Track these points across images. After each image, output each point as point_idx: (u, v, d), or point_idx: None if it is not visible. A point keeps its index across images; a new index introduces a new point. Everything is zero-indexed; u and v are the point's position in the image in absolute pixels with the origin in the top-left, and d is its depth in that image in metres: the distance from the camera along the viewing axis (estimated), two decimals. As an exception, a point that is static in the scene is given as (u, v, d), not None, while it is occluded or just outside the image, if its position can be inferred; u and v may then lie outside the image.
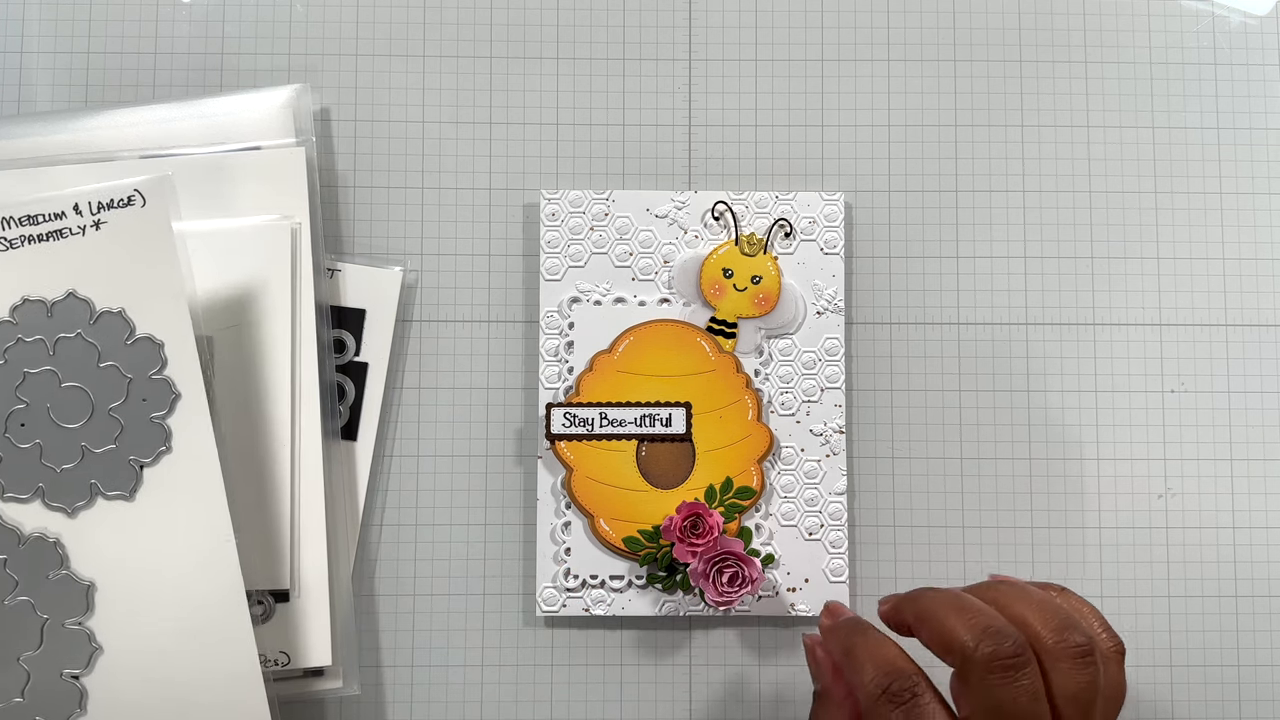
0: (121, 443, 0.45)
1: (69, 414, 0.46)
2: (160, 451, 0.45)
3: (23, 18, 0.50)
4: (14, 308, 0.46)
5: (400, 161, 0.50)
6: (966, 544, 0.49)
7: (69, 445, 0.46)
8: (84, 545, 0.45)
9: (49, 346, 0.46)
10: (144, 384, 0.46)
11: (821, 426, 0.48)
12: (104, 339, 0.46)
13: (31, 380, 0.46)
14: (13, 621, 0.45)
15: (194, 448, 0.45)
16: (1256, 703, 0.49)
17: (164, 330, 0.46)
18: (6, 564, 0.45)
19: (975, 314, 0.50)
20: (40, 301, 0.46)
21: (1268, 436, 0.50)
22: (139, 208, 0.46)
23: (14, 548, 0.45)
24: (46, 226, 0.46)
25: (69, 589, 0.45)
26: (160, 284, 0.46)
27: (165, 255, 0.46)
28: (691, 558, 0.45)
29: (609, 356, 0.48)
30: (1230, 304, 0.50)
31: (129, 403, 0.46)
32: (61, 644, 0.45)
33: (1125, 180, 0.51)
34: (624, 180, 0.50)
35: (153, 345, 0.46)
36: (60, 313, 0.46)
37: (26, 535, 0.45)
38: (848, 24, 0.51)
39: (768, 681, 0.48)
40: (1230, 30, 0.51)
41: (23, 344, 0.46)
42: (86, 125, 0.48)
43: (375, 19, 0.50)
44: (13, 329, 0.46)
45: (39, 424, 0.46)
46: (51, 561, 0.45)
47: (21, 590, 0.45)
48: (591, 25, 0.51)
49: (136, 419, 0.46)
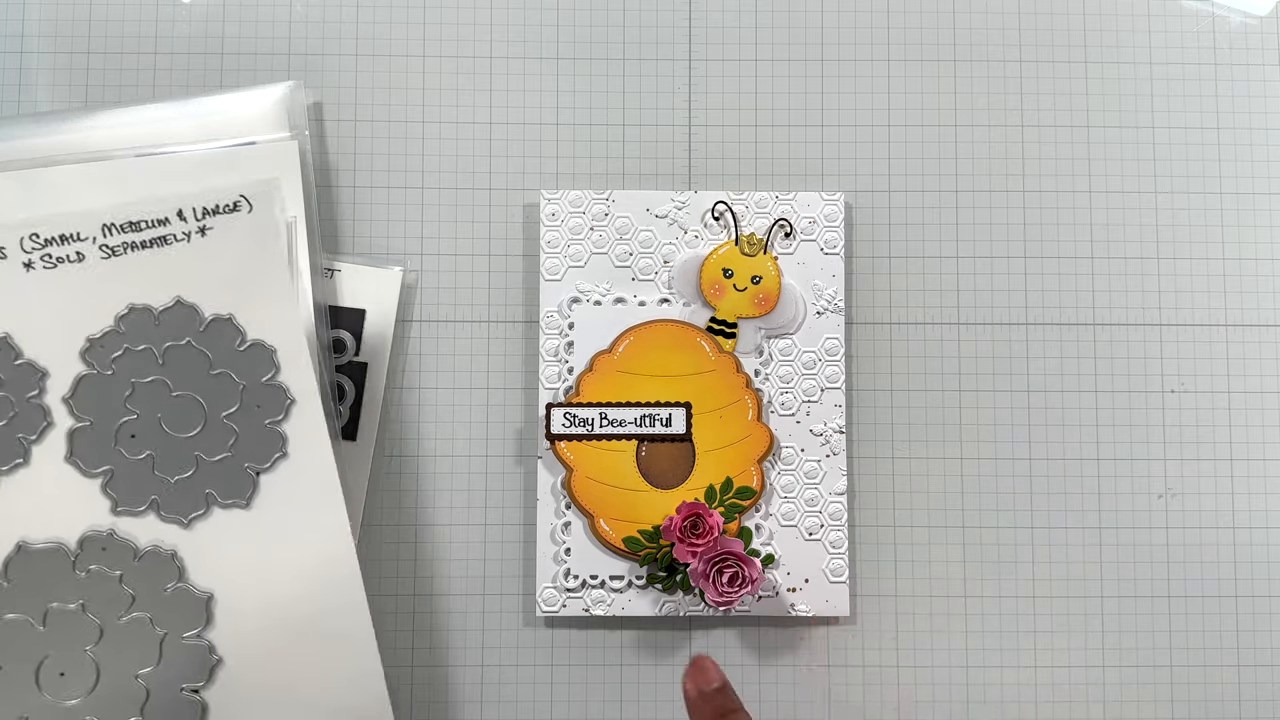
0: (237, 450, 0.45)
1: (181, 423, 0.45)
2: (277, 458, 0.45)
3: (23, 18, 0.50)
4: (120, 316, 0.45)
5: (400, 161, 0.50)
6: (966, 544, 0.49)
7: (182, 455, 0.45)
8: (201, 556, 0.44)
9: (158, 355, 0.45)
10: (258, 390, 0.45)
11: (821, 426, 0.48)
12: (214, 346, 0.45)
13: (141, 390, 0.45)
14: (130, 638, 0.44)
15: (311, 452, 0.45)
16: (1256, 703, 0.49)
17: (275, 335, 0.45)
18: (123, 579, 0.44)
19: (975, 314, 0.50)
20: (147, 309, 0.45)
21: (1268, 436, 0.50)
22: (245, 213, 0.45)
23: (130, 562, 0.44)
24: (150, 233, 0.45)
25: (187, 601, 0.44)
26: (270, 289, 0.45)
27: (274, 260, 0.45)
28: (691, 558, 0.45)
29: (609, 356, 0.48)
30: (1230, 304, 0.50)
31: (243, 410, 0.45)
32: (181, 658, 0.44)
33: (1125, 180, 0.51)
34: (624, 180, 0.50)
35: (265, 350, 0.45)
36: (168, 320, 0.45)
37: (142, 549, 0.44)
38: (848, 24, 0.51)
39: (768, 681, 0.48)
40: (1230, 30, 0.51)
41: (131, 353, 0.45)
42: (86, 125, 0.48)
43: (375, 19, 0.50)
44: (119, 338, 0.45)
45: (150, 435, 0.45)
46: (169, 574, 0.44)
47: (139, 605, 0.44)
48: (591, 25, 0.51)
49: (251, 426, 0.45)
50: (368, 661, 0.44)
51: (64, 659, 0.44)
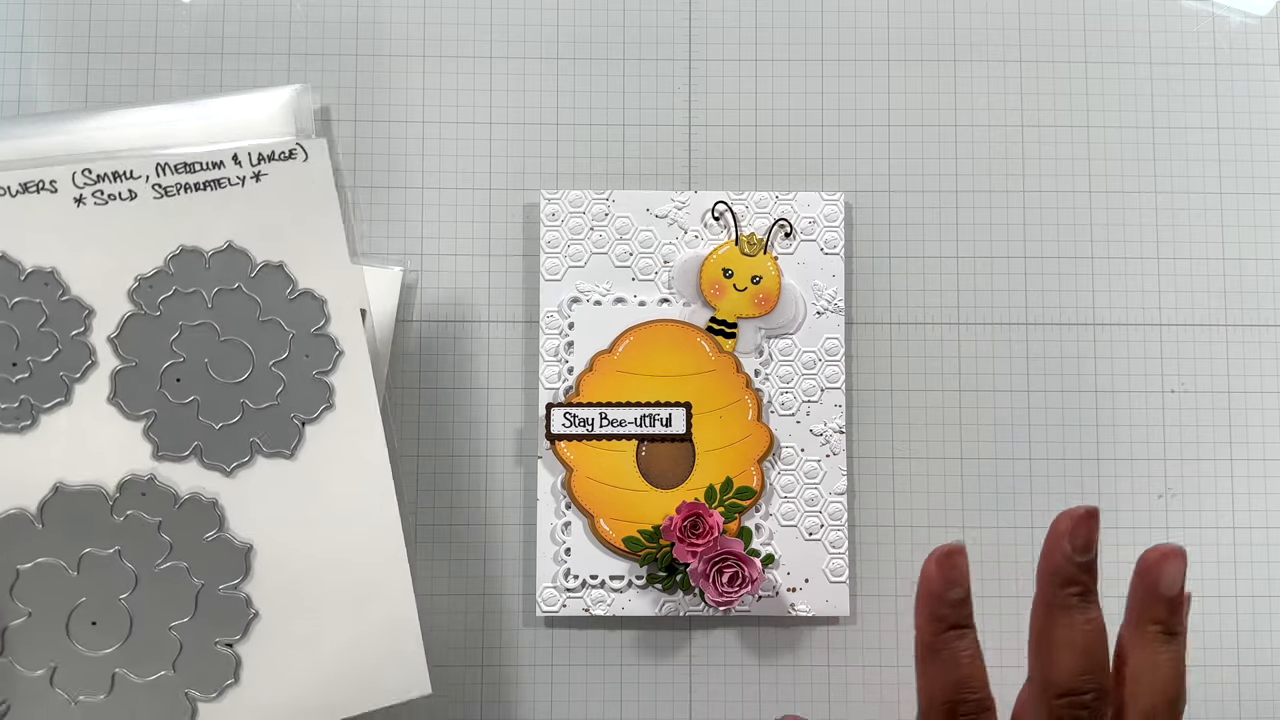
0: (284, 399, 0.44)
1: (228, 369, 0.44)
2: (323, 409, 0.44)
3: (23, 18, 0.50)
4: (170, 257, 0.44)
5: (400, 161, 0.50)
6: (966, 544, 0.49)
7: (228, 401, 0.44)
8: (242, 506, 0.43)
9: (207, 298, 0.44)
10: (306, 340, 0.44)
11: (821, 426, 0.48)
12: (264, 292, 0.44)
13: (189, 333, 0.44)
14: (165, 588, 0.43)
15: (357, 404, 0.44)
16: (1256, 703, 0.49)
17: (326, 286, 0.45)
18: (161, 526, 0.43)
19: (975, 314, 0.50)
20: (197, 251, 0.44)
21: (1268, 436, 0.50)
22: (300, 161, 0.45)
23: (169, 509, 0.43)
24: (204, 175, 0.45)
25: (226, 552, 0.43)
26: (322, 239, 0.45)
27: (328, 210, 0.45)
28: (691, 558, 0.45)
29: (609, 356, 0.48)
30: (1230, 304, 0.50)
31: (291, 359, 0.44)
32: (217, 611, 0.43)
33: (1125, 180, 0.51)
34: (624, 180, 0.50)
35: (314, 301, 0.45)
36: (218, 264, 0.44)
37: (183, 496, 0.43)
38: (848, 24, 0.51)
39: (768, 681, 0.48)
40: (1230, 30, 0.51)
41: (180, 295, 0.44)
42: (86, 125, 0.48)
43: (375, 19, 0.50)
44: (169, 279, 0.44)
45: (196, 379, 0.44)
46: (209, 523, 0.43)
47: (175, 554, 0.43)
48: (591, 25, 0.51)
49: (299, 375, 0.44)
50: (405, 616, 0.44)
51: (97, 607, 0.43)
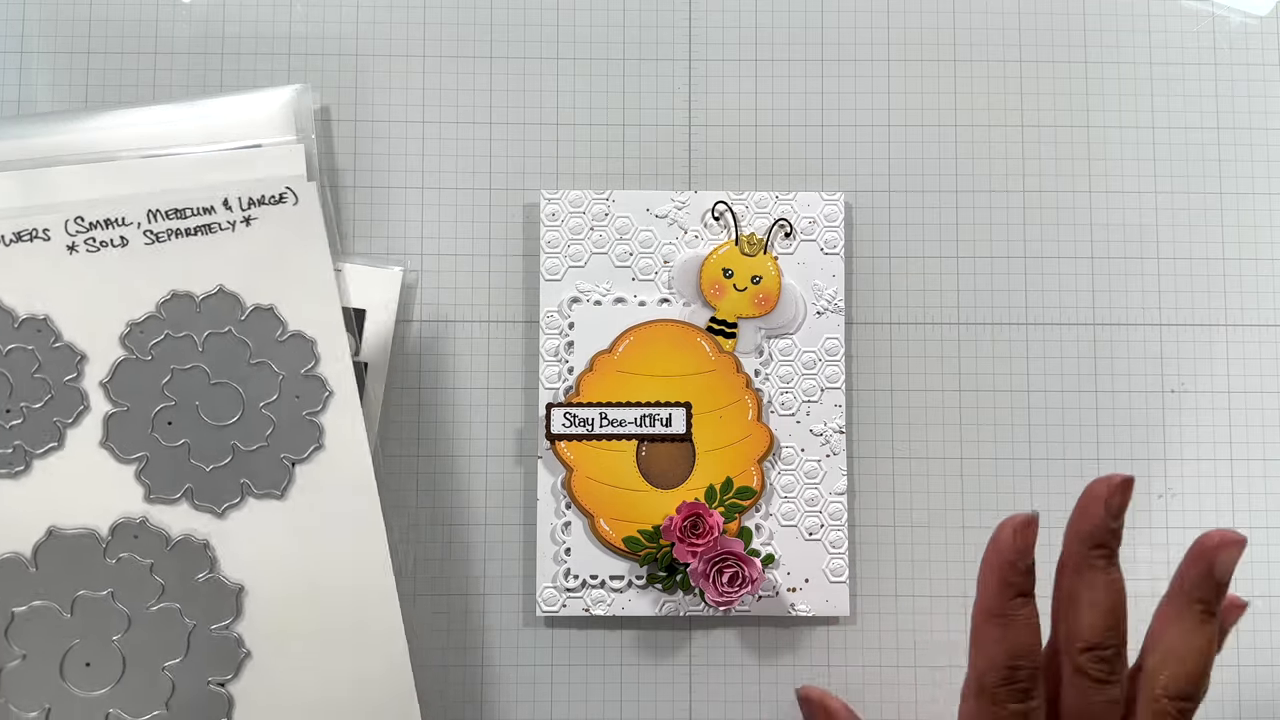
0: (274, 440, 0.45)
1: (219, 412, 0.45)
2: (313, 449, 0.45)
3: (23, 18, 0.50)
4: (161, 302, 0.45)
5: (400, 161, 0.50)
6: (966, 544, 0.49)
7: (219, 444, 0.45)
8: (233, 546, 0.44)
9: (198, 342, 0.45)
10: (296, 381, 0.45)
11: (821, 426, 0.48)
12: (255, 335, 0.45)
13: (180, 377, 0.45)
14: (158, 628, 0.44)
15: (346, 444, 0.45)
16: (1256, 703, 0.49)
17: (315, 327, 0.45)
18: (153, 568, 0.44)
19: (975, 314, 0.50)
20: (189, 296, 0.45)
21: (1268, 436, 0.50)
22: (290, 205, 0.45)
23: (161, 551, 0.44)
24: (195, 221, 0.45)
25: (218, 592, 0.44)
26: (311, 280, 0.45)
27: (316, 252, 0.46)
28: (691, 558, 0.45)
29: (609, 356, 0.48)
30: (1230, 304, 0.50)
31: (281, 400, 0.45)
32: (209, 650, 0.44)
33: (1125, 180, 0.51)
34: (624, 180, 0.50)
35: (305, 342, 0.45)
36: (209, 308, 0.45)
37: (174, 538, 0.44)
38: (848, 24, 0.51)
39: (768, 681, 0.48)
40: (1230, 30, 0.51)
41: (171, 340, 0.45)
42: (86, 125, 0.48)
43: (375, 19, 0.50)
44: (160, 324, 0.45)
45: (187, 422, 0.45)
46: (201, 564, 0.44)
47: (167, 595, 0.44)
48: (591, 25, 0.51)
49: (289, 416, 0.45)
50: (396, 655, 0.44)
51: (90, 649, 0.44)
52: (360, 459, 0.45)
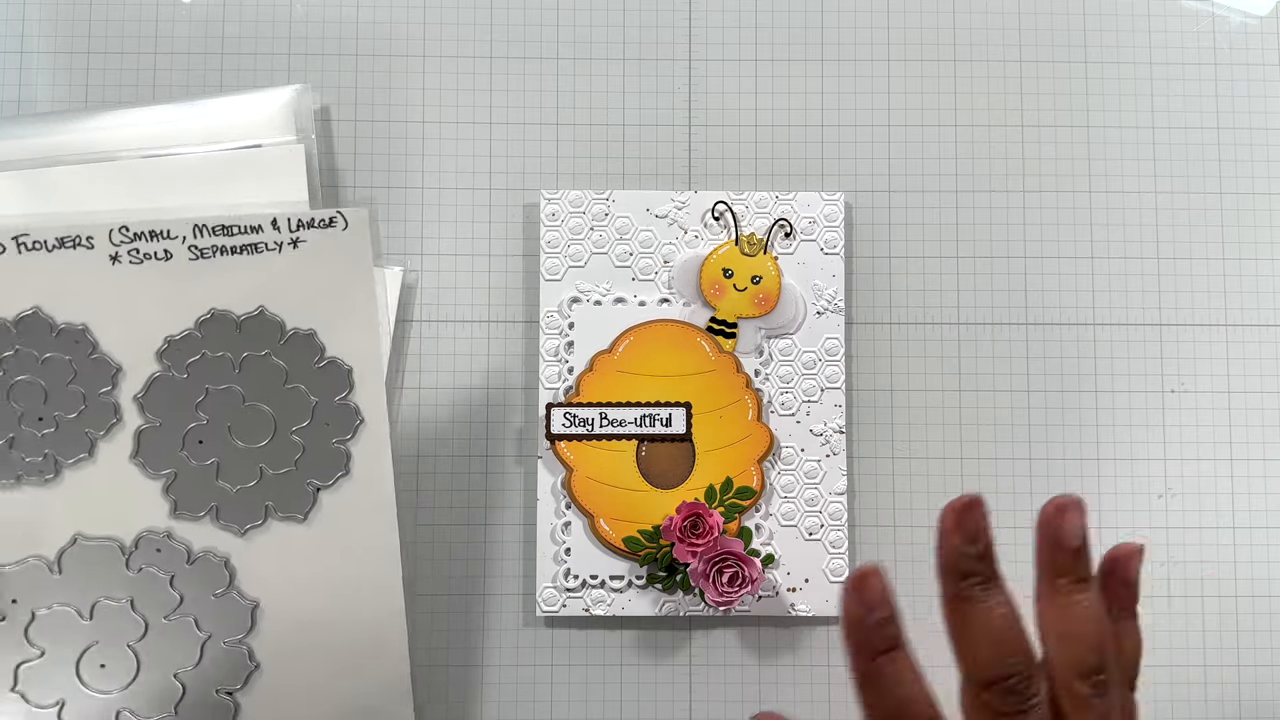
0: (301, 465, 0.45)
1: (250, 434, 0.45)
2: (340, 476, 0.45)
3: (23, 18, 0.50)
4: (201, 320, 0.45)
5: (400, 161, 0.50)
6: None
7: (247, 465, 0.45)
8: (252, 565, 0.45)
9: (234, 363, 0.45)
10: (329, 408, 0.45)
11: (821, 426, 0.48)
12: (293, 360, 0.45)
13: (214, 396, 0.45)
14: (173, 638, 0.44)
15: (372, 473, 0.45)
16: (1256, 703, 0.49)
17: (354, 355, 0.45)
18: (173, 581, 0.44)
19: (975, 314, 0.50)
20: (229, 315, 0.45)
21: (1268, 436, 0.50)
22: (339, 230, 0.45)
23: (182, 565, 0.45)
24: (241, 239, 0.45)
25: (233, 608, 0.44)
26: (354, 309, 0.45)
27: (362, 280, 0.45)
28: (691, 558, 0.45)
29: (609, 356, 0.48)
30: (1230, 304, 0.50)
31: (312, 426, 0.45)
32: (220, 661, 0.44)
33: (1125, 180, 0.51)
34: (624, 180, 0.50)
35: (341, 370, 0.45)
36: (250, 329, 0.45)
37: (195, 554, 0.45)
38: (848, 24, 0.51)
39: (768, 681, 0.48)
40: (1230, 30, 0.51)
41: (208, 358, 0.45)
42: (86, 125, 0.48)
43: (375, 19, 0.50)
44: (198, 342, 0.45)
45: (217, 442, 0.45)
46: (218, 581, 0.45)
47: (185, 607, 0.44)
48: (591, 25, 0.51)
49: (318, 443, 0.45)
50: (399, 680, 0.45)
51: (107, 651, 0.44)
52: (384, 489, 0.45)
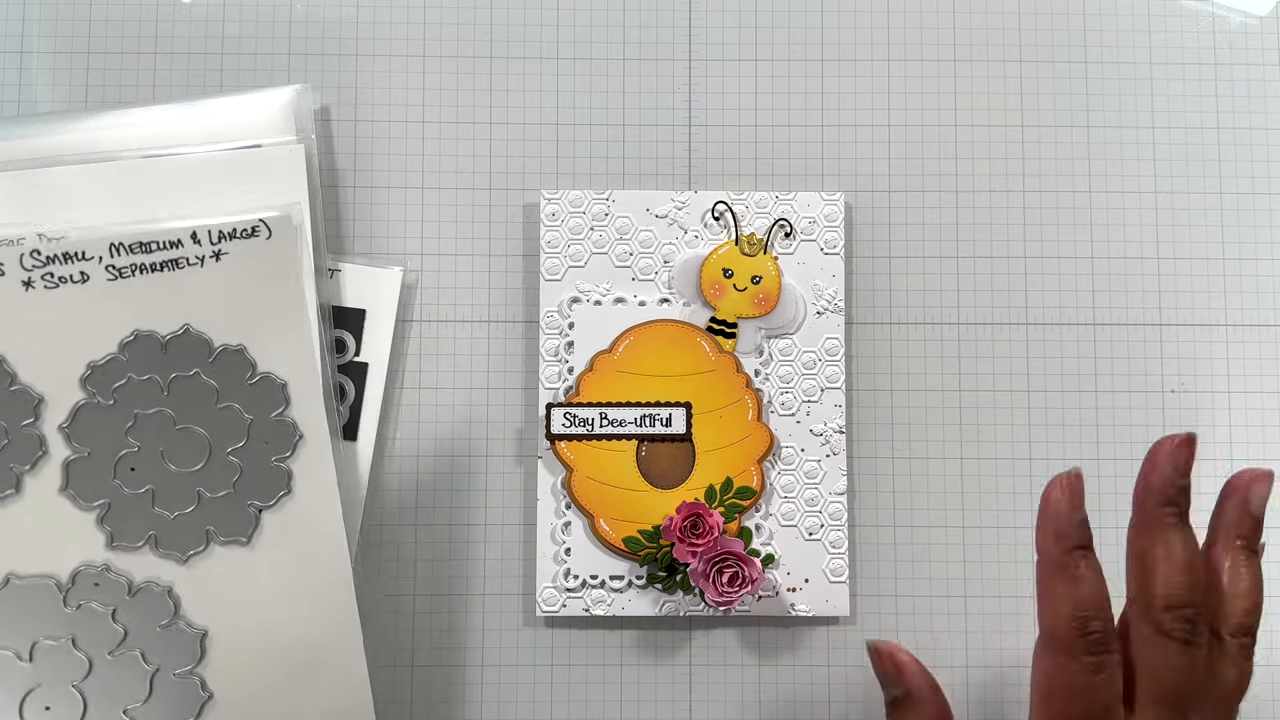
0: (240, 487, 0.43)
1: (184, 458, 0.43)
2: (281, 495, 0.43)
3: (23, 18, 0.50)
4: (124, 343, 0.43)
5: (400, 161, 0.50)
6: (966, 544, 0.49)
7: (183, 490, 0.43)
8: (197, 593, 0.43)
9: (163, 385, 0.43)
10: (265, 426, 0.43)
11: (821, 426, 0.48)
12: (223, 378, 0.43)
13: (144, 421, 0.43)
14: (120, 674, 0.43)
15: (315, 489, 0.43)
16: (1256, 703, 0.49)
17: (287, 368, 0.43)
18: (115, 615, 0.43)
19: (975, 314, 0.50)
20: (153, 336, 0.43)
21: (1268, 436, 0.50)
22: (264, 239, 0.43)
23: (123, 598, 0.43)
24: (161, 255, 0.43)
25: (180, 638, 0.43)
26: (284, 319, 0.43)
27: (291, 290, 0.43)
28: (691, 558, 0.45)
29: (609, 356, 0.48)
30: (1230, 304, 0.50)
31: (249, 445, 0.43)
32: (171, 694, 0.43)
33: (1125, 180, 0.51)
34: (624, 180, 0.50)
35: (275, 384, 0.43)
36: (175, 349, 0.43)
37: (136, 585, 0.43)
38: (848, 24, 0.51)
39: (768, 681, 0.48)
40: (1230, 30, 0.51)
41: (134, 382, 0.43)
42: (86, 125, 0.48)
43: (375, 19, 0.50)
44: (123, 366, 0.43)
45: (151, 468, 0.43)
46: (162, 611, 0.43)
47: (130, 642, 0.43)
48: (591, 25, 0.51)
49: (256, 462, 0.43)
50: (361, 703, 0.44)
51: (50, 693, 0.43)
52: (330, 505, 0.44)
